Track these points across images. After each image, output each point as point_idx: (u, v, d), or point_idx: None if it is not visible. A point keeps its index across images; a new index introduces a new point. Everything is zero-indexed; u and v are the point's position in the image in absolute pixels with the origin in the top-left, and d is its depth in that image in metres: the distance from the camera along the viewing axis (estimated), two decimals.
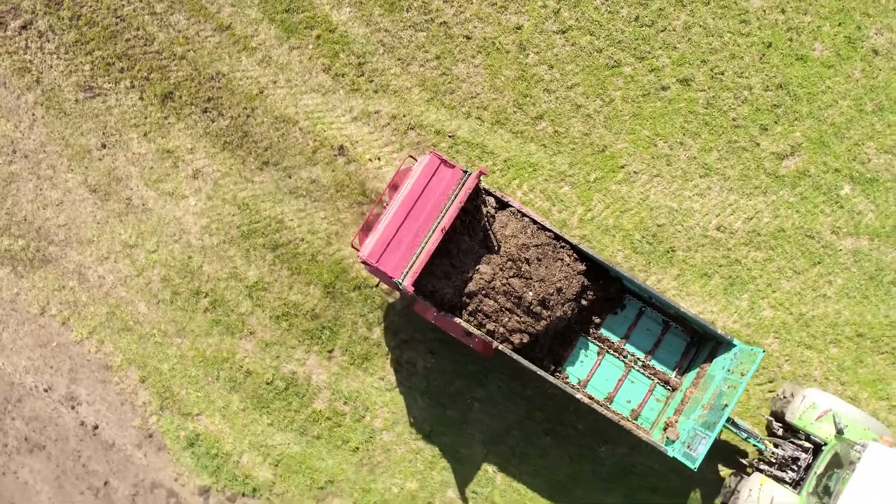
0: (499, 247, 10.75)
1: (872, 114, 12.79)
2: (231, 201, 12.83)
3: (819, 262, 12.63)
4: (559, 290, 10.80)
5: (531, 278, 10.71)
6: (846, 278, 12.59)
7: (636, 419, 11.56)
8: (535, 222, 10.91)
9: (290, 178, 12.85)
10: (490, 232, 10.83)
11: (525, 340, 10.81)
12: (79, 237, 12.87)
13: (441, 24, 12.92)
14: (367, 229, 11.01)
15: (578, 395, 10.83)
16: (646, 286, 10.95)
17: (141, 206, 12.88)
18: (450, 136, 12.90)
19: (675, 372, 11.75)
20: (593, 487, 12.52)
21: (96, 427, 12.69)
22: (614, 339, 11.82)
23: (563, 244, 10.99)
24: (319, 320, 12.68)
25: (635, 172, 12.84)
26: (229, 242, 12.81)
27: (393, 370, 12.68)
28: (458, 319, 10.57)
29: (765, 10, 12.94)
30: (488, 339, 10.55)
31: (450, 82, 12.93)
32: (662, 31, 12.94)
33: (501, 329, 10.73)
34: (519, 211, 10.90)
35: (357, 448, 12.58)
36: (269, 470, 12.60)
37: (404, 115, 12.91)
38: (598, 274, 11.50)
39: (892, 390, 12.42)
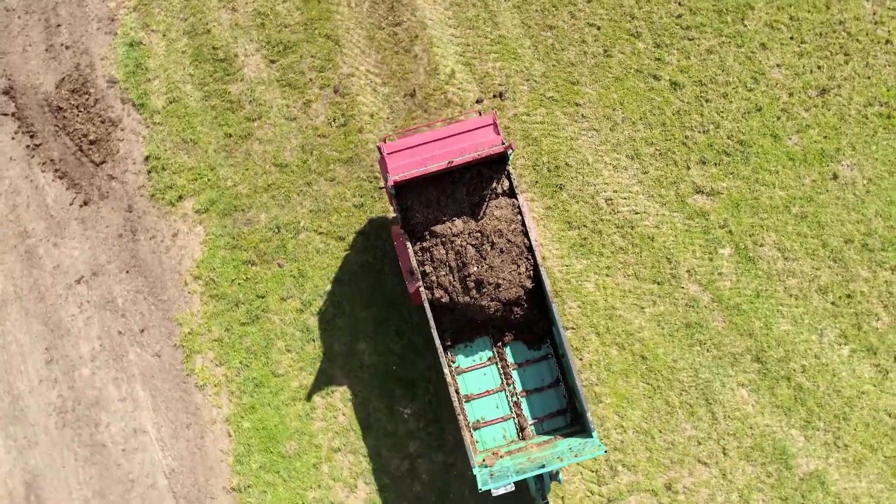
0: (482, 217, 11.47)
1: (793, 216, 13.41)
2: None
3: (659, 283, 13.31)
4: (497, 286, 11.38)
5: (484, 258, 11.35)
6: (668, 311, 13.20)
7: (475, 430, 11.94)
8: (523, 225, 11.48)
9: None
10: (485, 203, 11.51)
11: (444, 300, 11.50)
12: None
13: None
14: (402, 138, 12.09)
15: (447, 373, 11.24)
16: (567, 347, 11.22)
17: None
18: None
19: (533, 423, 12.00)
20: (357, 300, 13.49)
21: None
22: (510, 360, 12.20)
23: (529, 256, 11.52)
24: (284, 34, 14.45)
25: (583, 116, 13.96)
26: None
27: (301, 110, 14.24)
28: (409, 245, 11.51)
29: (777, 84, 13.83)
30: (417, 276, 11.39)
31: None
32: (689, 39, 14.06)
33: (433, 277, 11.49)
34: (519, 208, 11.51)
35: (230, 135, 14.19)
36: (162, 101, 14.39)
37: None
38: (539, 304, 11.82)
39: (630, 415, 12.89)
